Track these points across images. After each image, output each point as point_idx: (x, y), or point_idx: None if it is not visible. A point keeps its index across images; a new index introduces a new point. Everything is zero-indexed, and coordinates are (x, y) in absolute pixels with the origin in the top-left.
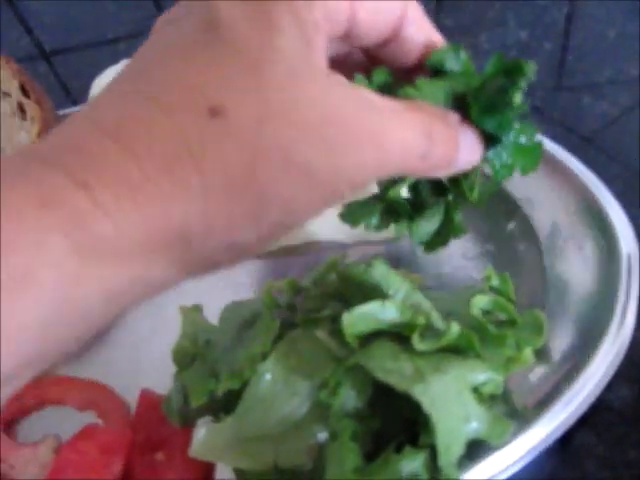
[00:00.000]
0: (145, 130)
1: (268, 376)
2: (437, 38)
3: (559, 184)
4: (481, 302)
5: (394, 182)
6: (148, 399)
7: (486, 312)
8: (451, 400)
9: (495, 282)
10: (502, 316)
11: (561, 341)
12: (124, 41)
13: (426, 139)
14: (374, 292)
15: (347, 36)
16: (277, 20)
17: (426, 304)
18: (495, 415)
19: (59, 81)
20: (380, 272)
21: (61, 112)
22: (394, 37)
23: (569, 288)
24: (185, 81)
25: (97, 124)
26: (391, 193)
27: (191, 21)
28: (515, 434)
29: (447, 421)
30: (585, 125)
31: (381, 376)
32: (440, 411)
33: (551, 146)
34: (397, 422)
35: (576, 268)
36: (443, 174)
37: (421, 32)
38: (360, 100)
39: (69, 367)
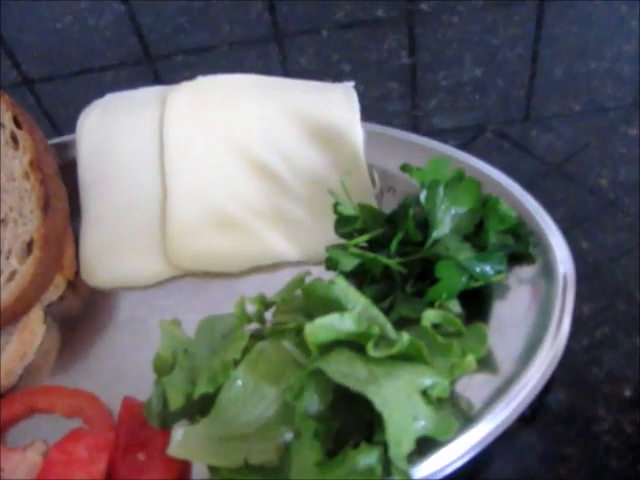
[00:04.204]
0: None
1: (239, 382)
2: None
3: None
4: (431, 316)
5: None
6: (130, 405)
7: (435, 325)
8: (401, 401)
9: None
10: (450, 329)
11: (503, 350)
12: (111, 70)
13: None
14: (335, 306)
15: None
16: None
17: (381, 317)
18: (442, 415)
19: (44, 111)
20: (341, 288)
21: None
22: None
23: (511, 302)
24: None
25: None
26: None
27: None
28: (461, 432)
29: (397, 419)
30: (533, 155)
31: (338, 379)
32: (391, 410)
33: (496, 174)
34: (355, 423)
35: (518, 284)
36: None
37: None
38: None
39: (57, 378)
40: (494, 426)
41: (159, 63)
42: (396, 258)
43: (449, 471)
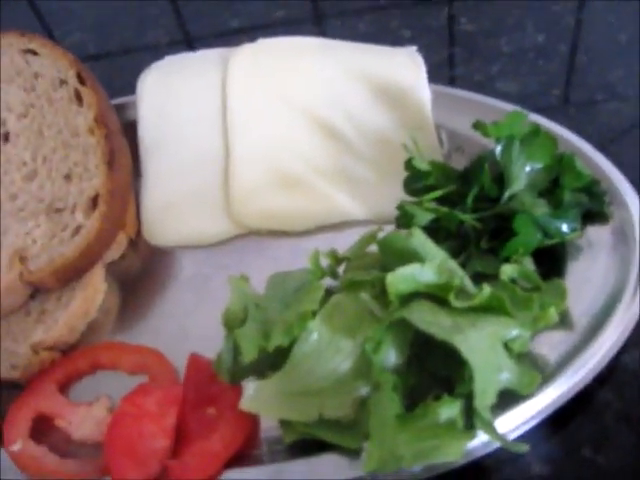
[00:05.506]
0: None
1: (315, 335)
2: None
3: None
4: (509, 270)
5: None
6: (197, 362)
7: (512, 281)
8: (486, 351)
9: None
10: (527, 284)
11: (579, 309)
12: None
13: None
14: (413, 259)
15: None
16: None
17: (459, 271)
18: (524, 368)
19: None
20: (419, 240)
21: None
22: None
23: (586, 261)
24: None
25: None
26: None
27: None
28: (539, 389)
29: (483, 369)
30: (599, 118)
31: (424, 327)
32: (477, 359)
33: (568, 134)
34: (429, 380)
35: (594, 244)
36: None
37: None
38: None
39: (120, 336)
40: (572, 384)
41: (198, 43)
42: (470, 214)
43: (526, 428)
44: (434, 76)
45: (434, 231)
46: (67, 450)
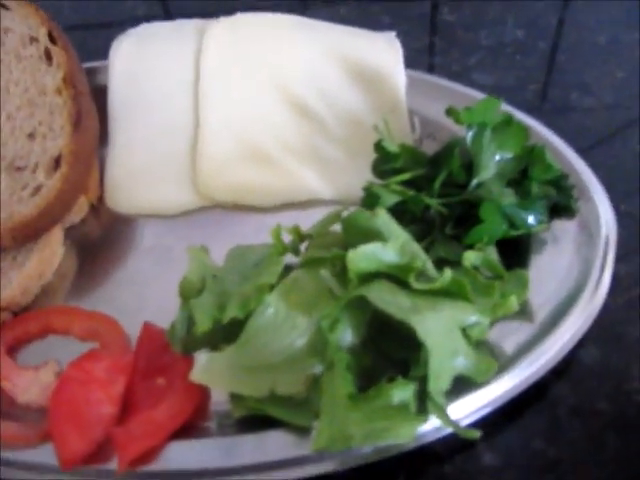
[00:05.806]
0: None
1: (271, 309)
2: None
3: None
4: (472, 257)
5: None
6: (150, 331)
7: (475, 268)
8: (444, 334)
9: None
10: (489, 273)
11: (539, 302)
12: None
13: None
14: (376, 238)
15: None
16: None
17: (422, 254)
18: (481, 355)
19: None
20: (383, 220)
21: None
22: None
23: (550, 255)
24: None
25: None
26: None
27: None
28: (495, 377)
29: (439, 352)
30: (572, 116)
31: (382, 306)
32: (434, 342)
33: (541, 128)
34: (386, 362)
35: (559, 238)
36: None
37: None
38: None
39: (75, 302)
40: (527, 375)
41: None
42: (437, 199)
43: (479, 416)
44: (411, 63)
45: (399, 214)
46: (10, 413)
